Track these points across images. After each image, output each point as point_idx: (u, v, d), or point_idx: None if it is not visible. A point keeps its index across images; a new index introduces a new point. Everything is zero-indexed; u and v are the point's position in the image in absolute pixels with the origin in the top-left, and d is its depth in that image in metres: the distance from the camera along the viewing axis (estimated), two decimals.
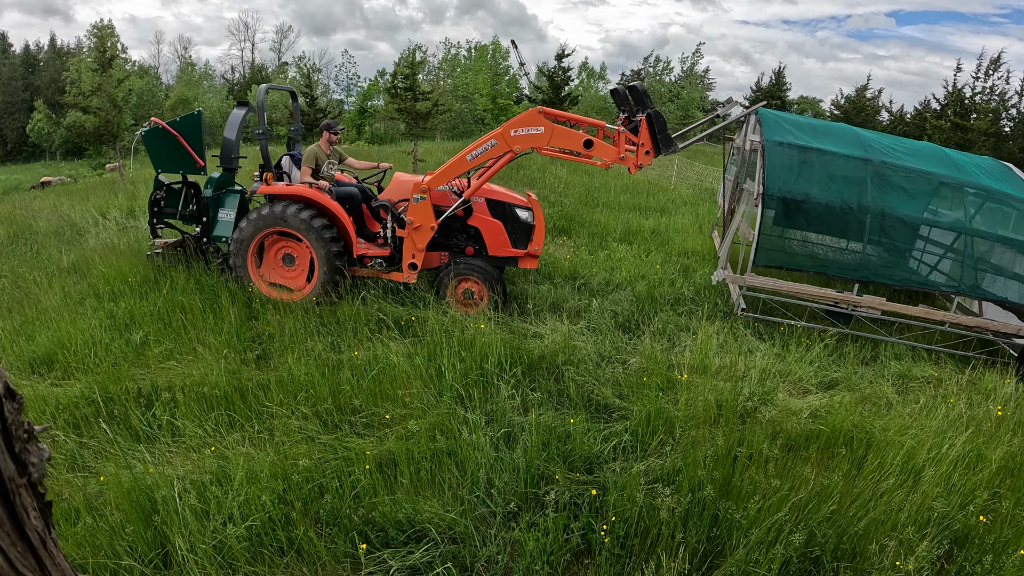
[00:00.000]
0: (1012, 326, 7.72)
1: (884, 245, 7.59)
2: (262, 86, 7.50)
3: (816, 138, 8.16)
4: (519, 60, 18.09)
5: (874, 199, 7.58)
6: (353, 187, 7.57)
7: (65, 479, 4.04)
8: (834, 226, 7.78)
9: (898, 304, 7.86)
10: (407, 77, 22.96)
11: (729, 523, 3.67)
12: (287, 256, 7.17)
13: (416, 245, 7.05)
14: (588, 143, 6.61)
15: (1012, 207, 7.83)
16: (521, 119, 6.70)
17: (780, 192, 7.55)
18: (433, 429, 4.56)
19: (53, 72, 59.56)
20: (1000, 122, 28.40)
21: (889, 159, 7.91)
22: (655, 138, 6.57)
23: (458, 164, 6.83)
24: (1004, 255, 7.82)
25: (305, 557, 3.48)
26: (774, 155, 7.73)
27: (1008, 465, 4.67)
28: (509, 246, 7.34)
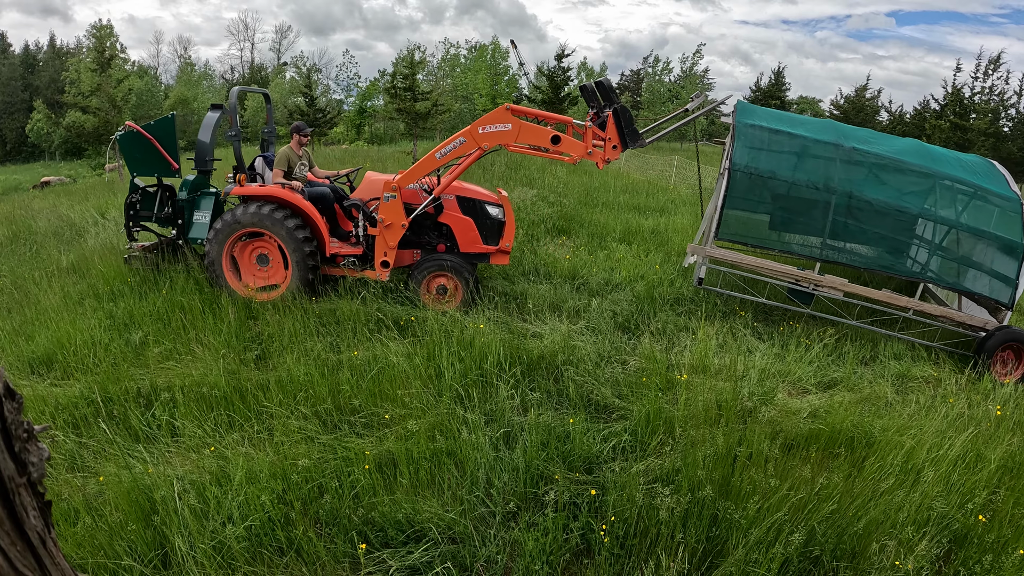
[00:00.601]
0: (978, 319, 7.68)
1: (850, 227, 7.61)
2: (234, 89, 7.57)
3: (791, 126, 8.20)
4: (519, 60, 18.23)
5: (841, 181, 7.57)
6: (325, 187, 7.65)
7: (65, 479, 4.04)
8: (799, 205, 7.77)
9: (860, 286, 7.81)
10: (406, 77, 22.98)
11: (729, 523, 3.67)
12: (261, 256, 7.25)
13: (388, 243, 7.14)
14: (556, 139, 6.67)
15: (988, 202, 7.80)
16: (489, 117, 6.78)
17: (747, 168, 7.61)
18: (432, 429, 4.56)
19: (52, 72, 59.53)
20: (999, 122, 28.42)
21: (862, 146, 7.89)
22: (622, 132, 6.63)
23: (427, 162, 6.92)
24: (976, 248, 7.79)
25: (304, 557, 3.48)
26: (744, 134, 7.83)
27: (1007, 464, 4.67)
28: (480, 242, 7.42)
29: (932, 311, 7.73)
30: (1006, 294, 7.54)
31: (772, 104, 43.44)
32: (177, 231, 7.82)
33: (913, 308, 7.69)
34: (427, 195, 7.30)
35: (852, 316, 7.93)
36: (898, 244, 7.69)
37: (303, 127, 7.63)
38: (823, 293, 7.75)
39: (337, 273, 7.46)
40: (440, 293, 7.19)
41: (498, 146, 6.83)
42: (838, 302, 8.03)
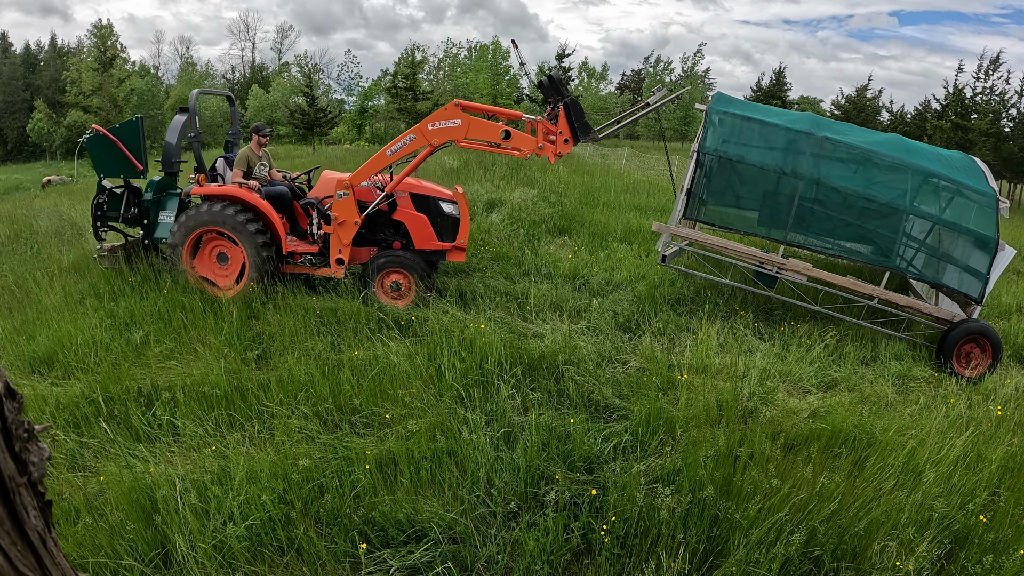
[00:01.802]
0: (945, 312, 7.62)
1: (817, 213, 7.59)
2: (194, 91, 7.68)
3: (765, 116, 8.20)
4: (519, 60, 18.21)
5: (810, 168, 7.58)
6: (283, 186, 7.75)
7: (65, 478, 4.04)
8: (766, 188, 7.79)
9: (825, 272, 7.75)
10: (407, 77, 22.98)
11: (729, 523, 3.67)
12: (221, 255, 7.36)
13: (341, 240, 7.21)
14: (506, 134, 6.67)
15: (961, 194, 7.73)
16: (438, 113, 6.79)
17: (716, 151, 7.70)
18: (433, 429, 4.56)
19: (53, 72, 59.56)
20: (1000, 122, 28.39)
21: (836, 136, 7.86)
22: (572, 126, 6.60)
23: (379, 160, 6.99)
24: (949, 241, 7.72)
25: (305, 557, 3.48)
26: (715, 119, 7.90)
27: (1008, 465, 4.67)
28: (435, 239, 7.46)
29: (897, 300, 7.64)
30: (976, 288, 7.47)
31: (772, 104, 43.44)
32: (143, 231, 7.99)
33: (878, 296, 7.61)
34: (380, 192, 7.37)
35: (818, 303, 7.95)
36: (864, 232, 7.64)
37: (262, 128, 7.76)
38: (787, 277, 7.76)
39: (296, 271, 7.54)
40: (394, 289, 7.25)
41: (449, 142, 6.86)
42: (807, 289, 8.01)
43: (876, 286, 7.67)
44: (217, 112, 52.19)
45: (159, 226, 7.71)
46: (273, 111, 50.90)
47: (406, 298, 7.20)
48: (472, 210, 12.50)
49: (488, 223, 11.51)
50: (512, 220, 11.73)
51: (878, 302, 7.67)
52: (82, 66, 42.08)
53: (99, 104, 25.05)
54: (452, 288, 7.92)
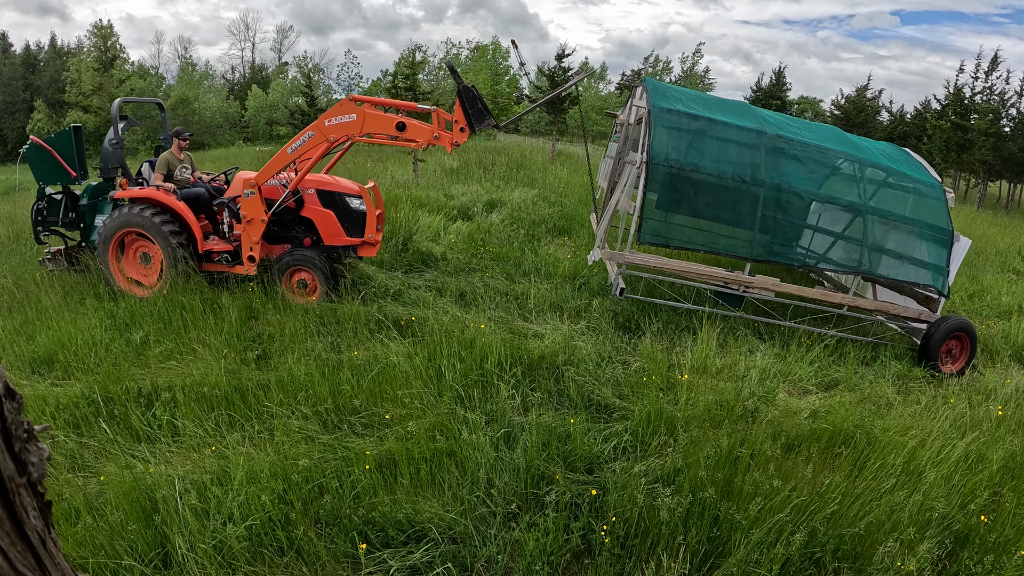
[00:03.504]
0: (912, 309, 7.49)
1: (780, 222, 7.15)
2: (117, 100, 7.88)
3: (707, 109, 7.67)
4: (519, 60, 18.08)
5: (769, 172, 7.11)
6: (200, 188, 7.87)
7: (65, 479, 4.04)
8: (725, 200, 7.24)
9: (793, 285, 7.47)
10: (407, 77, 22.96)
11: (730, 523, 3.67)
12: (144, 255, 7.53)
13: (251, 238, 7.29)
14: (401, 125, 6.66)
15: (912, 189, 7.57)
16: (334, 109, 6.84)
17: (667, 161, 6.95)
18: (433, 429, 4.56)
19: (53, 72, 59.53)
20: (1000, 122, 28.40)
21: (784, 133, 7.50)
22: (467, 114, 6.54)
23: (281, 158, 7.04)
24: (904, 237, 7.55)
25: (305, 557, 3.48)
26: (661, 121, 7.13)
27: (1009, 465, 4.67)
28: (343, 235, 7.49)
29: (867, 305, 7.46)
30: (940, 282, 7.32)
31: (772, 104, 43.41)
32: (81, 235, 8.19)
33: (848, 304, 7.43)
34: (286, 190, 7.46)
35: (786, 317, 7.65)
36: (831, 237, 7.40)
37: (182, 132, 7.92)
38: (754, 295, 7.34)
39: (214, 269, 7.64)
40: (301, 287, 7.32)
41: (346, 138, 6.87)
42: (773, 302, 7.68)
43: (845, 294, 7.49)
44: (217, 113, 52.18)
45: (95, 229, 7.93)
46: (273, 111, 50.83)
47: (313, 295, 7.27)
48: (472, 210, 12.50)
49: (488, 223, 11.52)
50: (512, 220, 11.74)
51: (847, 309, 7.49)
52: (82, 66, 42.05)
53: (99, 104, 25.07)
54: (452, 288, 7.92)
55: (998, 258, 13.33)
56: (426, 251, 9.35)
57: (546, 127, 47.07)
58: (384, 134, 6.80)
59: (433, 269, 8.89)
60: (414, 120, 6.73)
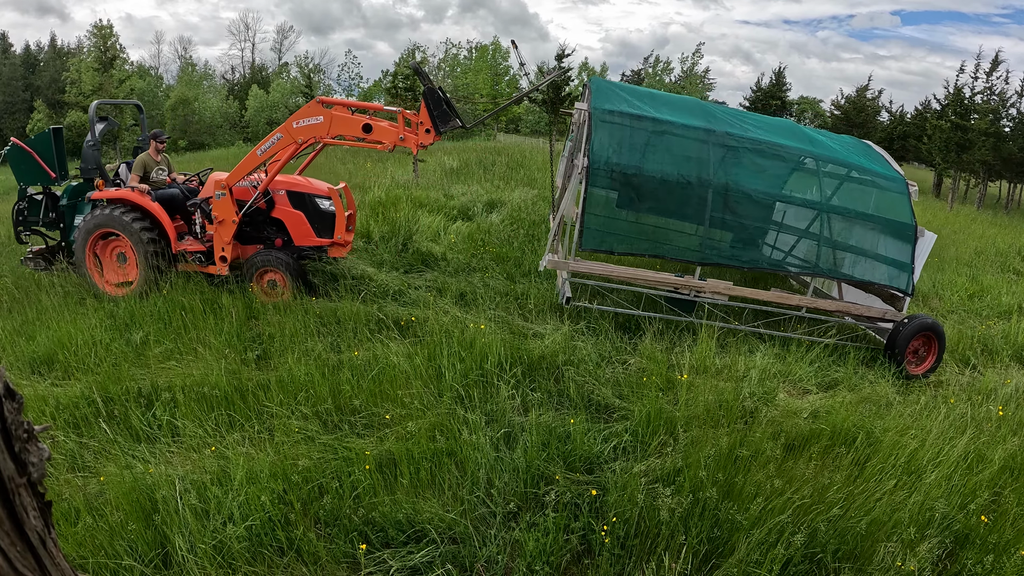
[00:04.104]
0: (876, 309, 7.23)
1: (729, 223, 6.90)
2: (95, 102, 7.98)
3: (655, 107, 7.38)
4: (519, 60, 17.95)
5: (716, 172, 6.83)
6: (175, 189, 7.96)
7: (65, 479, 4.04)
8: (671, 203, 6.97)
9: (747, 288, 7.22)
10: (407, 77, 22.94)
11: (730, 524, 3.67)
12: (121, 255, 7.60)
13: (223, 239, 7.36)
14: (367, 127, 6.68)
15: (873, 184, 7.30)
16: (302, 111, 6.86)
17: (608, 165, 6.69)
18: (433, 429, 4.56)
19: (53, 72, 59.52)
20: (1000, 122, 28.40)
21: (735, 130, 7.19)
22: (432, 115, 6.54)
23: (251, 160, 7.11)
24: (866, 234, 7.31)
25: (305, 557, 3.48)
26: (602, 123, 6.87)
27: (1009, 465, 4.67)
28: (314, 236, 7.55)
29: (828, 307, 7.21)
30: (903, 280, 7.07)
31: (772, 104, 43.41)
32: (60, 234, 8.31)
33: (806, 306, 7.16)
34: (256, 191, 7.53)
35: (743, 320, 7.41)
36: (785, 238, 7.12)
37: (160, 134, 8.00)
38: (706, 300, 7.11)
39: (189, 269, 7.69)
40: (271, 287, 7.37)
41: (315, 139, 6.92)
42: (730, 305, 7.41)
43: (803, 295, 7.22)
44: (217, 113, 52.18)
45: (75, 229, 8.01)
46: (273, 112, 50.83)
47: (284, 294, 7.31)
48: (472, 210, 12.50)
49: (488, 223, 11.51)
50: (512, 220, 11.73)
51: (806, 311, 7.27)
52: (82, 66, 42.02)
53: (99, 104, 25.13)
54: (452, 288, 7.92)
55: (998, 258, 13.33)
56: (426, 251, 9.34)
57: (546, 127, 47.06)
58: (352, 136, 6.86)
59: (433, 269, 8.88)
60: (381, 122, 6.76)
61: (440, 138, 6.77)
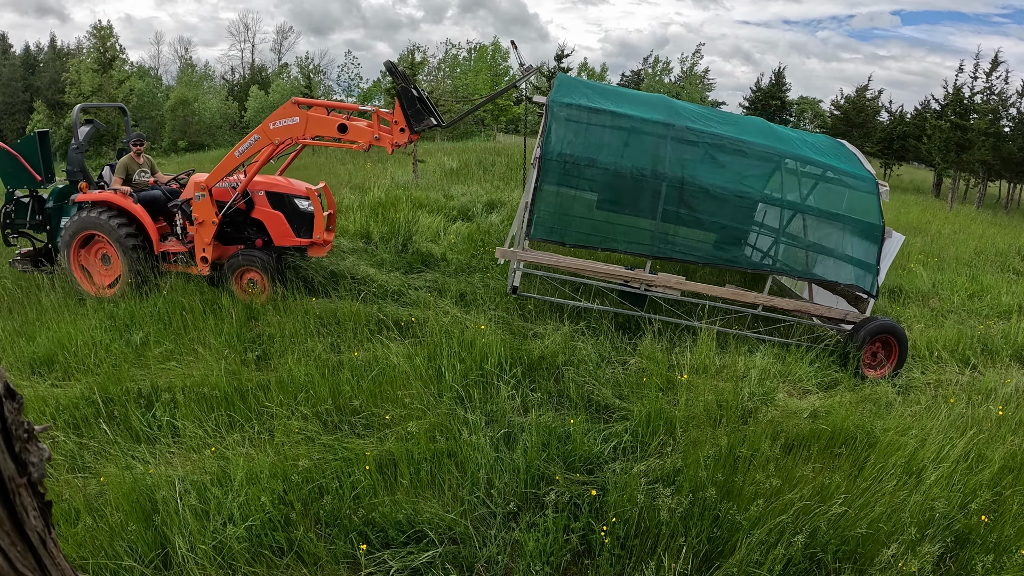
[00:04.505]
0: (838, 311, 7.08)
1: (684, 218, 6.82)
2: (78, 106, 8.12)
3: (616, 103, 7.31)
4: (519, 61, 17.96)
5: (673, 166, 6.77)
6: (157, 191, 8.03)
7: (65, 479, 4.04)
8: (625, 196, 6.96)
9: (700, 284, 7.11)
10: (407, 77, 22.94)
11: (730, 524, 3.67)
12: (104, 256, 7.69)
13: (203, 239, 7.41)
14: (343, 127, 6.70)
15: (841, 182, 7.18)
16: (278, 112, 6.90)
17: (561, 156, 6.74)
18: (433, 430, 4.56)
19: (53, 73, 59.52)
20: (1000, 122, 28.39)
21: (696, 125, 7.09)
22: (406, 115, 6.56)
23: (229, 161, 7.16)
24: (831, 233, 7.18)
25: (305, 558, 3.48)
26: (557, 115, 6.92)
27: (1009, 465, 4.66)
28: (293, 236, 7.61)
29: (784, 306, 7.06)
30: (868, 281, 6.93)
31: (772, 104, 43.39)
32: (48, 236, 8.38)
33: (762, 304, 6.99)
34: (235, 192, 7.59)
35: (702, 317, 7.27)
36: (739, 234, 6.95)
37: (141, 137, 8.13)
38: (657, 294, 7.03)
39: (172, 269, 7.75)
40: (251, 286, 7.42)
41: (291, 140, 6.96)
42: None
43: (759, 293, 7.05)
44: (217, 114, 52.19)
45: (61, 231, 8.13)
46: None
47: (264, 294, 7.35)
48: (471, 211, 12.50)
49: (488, 223, 11.52)
50: (512, 220, 11.73)
51: (762, 310, 7.10)
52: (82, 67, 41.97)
53: None
54: (452, 288, 7.92)
55: (998, 258, 13.33)
56: (426, 252, 9.35)
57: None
58: (328, 136, 6.91)
59: (433, 270, 8.89)
60: (358, 122, 6.78)
61: (417, 136, 6.79)
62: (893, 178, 36.26)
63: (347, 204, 12.08)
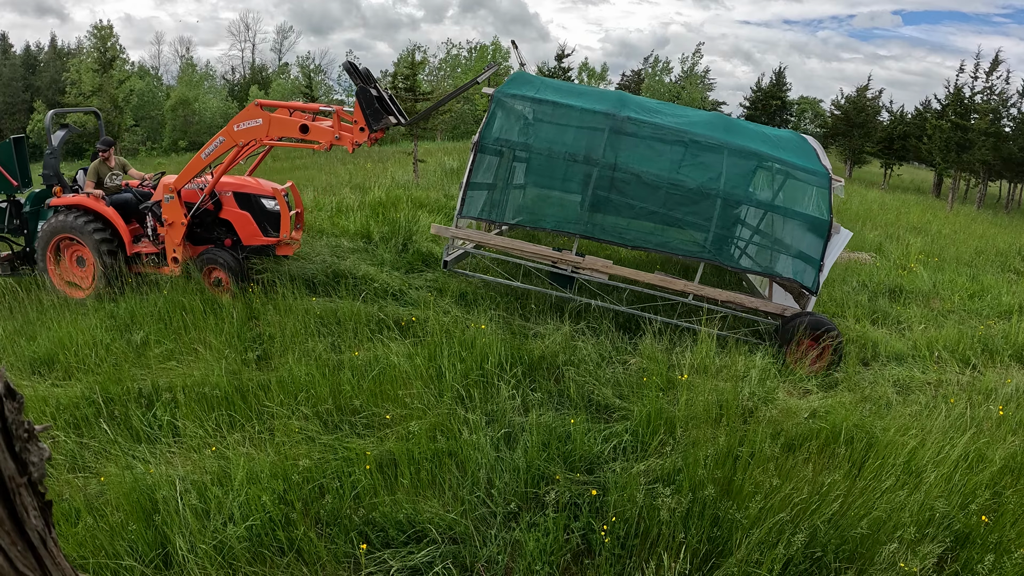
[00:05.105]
0: (776, 305, 7.06)
1: (614, 202, 6.97)
2: (51, 112, 8.28)
3: (565, 97, 7.52)
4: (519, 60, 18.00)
5: (606, 152, 6.93)
6: (128, 193, 8.16)
7: (65, 479, 4.04)
8: (556, 179, 7.22)
9: (628, 268, 7.15)
10: (407, 78, 22.94)
11: (730, 523, 3.67)
12: (79, 258, 7.82)
13: (173, 240, 7.57)
14: (304, 128, 6.84)
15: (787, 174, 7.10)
16: (242, 114, 7.06)
17: (497, 141, 7.09)
18: (433, 429, 4.56)
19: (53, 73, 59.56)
20: (1000, 122, 28.38)
21: (639, 116, 7.20)
22: (365, 114, 6.70)
23: (196, 163, 7.31)
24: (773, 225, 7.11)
25: (305, 557, 3.48)
26: (501, 102, 7.25)
27: (1010, 465, 4.66)
28: (260, 235, 7.73)
29: (715, 296, 7.01)
30: (808, 276, 6.86)
31: (772, 104, 43.37)
32: (25, 240, 8.48)
33: (692, 292, 6.99)
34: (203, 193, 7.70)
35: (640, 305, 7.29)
36: (669, 220, 6.95)
37: (110, 141, 8.24)
38: (584, 276, 7.15)
39: (144, 271, 7.87)
40: (216, 285, 7.53)
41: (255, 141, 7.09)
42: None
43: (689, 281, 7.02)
44: (218, 113, 52.20)
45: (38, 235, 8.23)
46: None
47: (227, 291, 7.46)
48: None
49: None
50: None
51: (693, 298, 7.10)
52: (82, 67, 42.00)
53: (99, 105, 25.13)
54: (452, 288, 7.92)
55: (998, 258, 13.33)
56: (426, 251, 9.35)
57: None
58: (291, 136, 7.03)
59: (433, 269, 8.89)
60: (322, 121, 6.92)
61: (380, 134, 6.94)
62: (894, 178, 36.24)
63: (347, 204, 12.08)
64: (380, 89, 6.83)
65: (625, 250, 8.16)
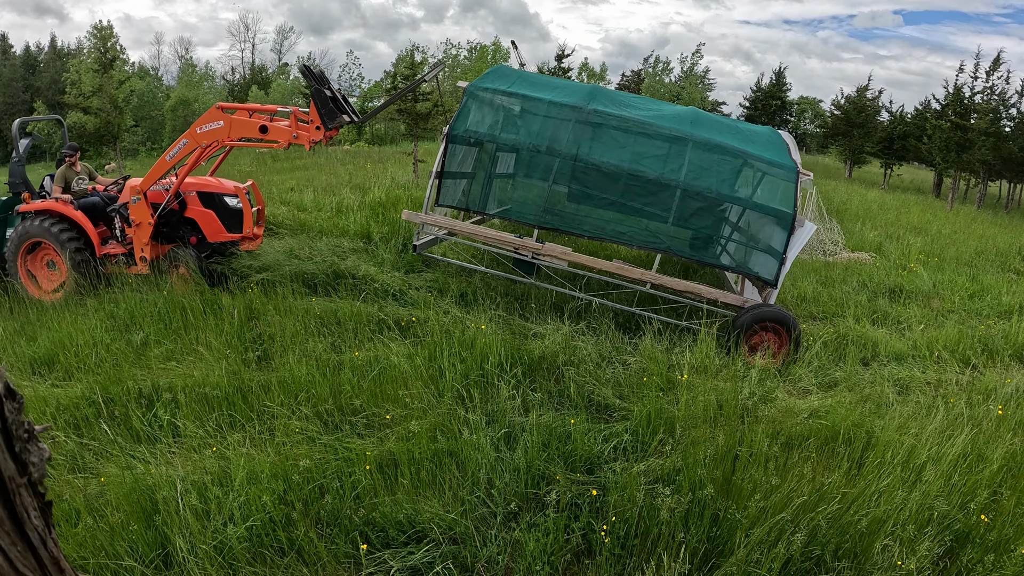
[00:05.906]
0: (736, 297, 7.09)
1: (575, 192, 7.11)
2: (17, 121, 8.43)
3: (539, 90, 7.68)
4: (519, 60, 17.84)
5: (568, 144, 7.09)
6: (95, 197, 8.31)
7: (66, 480, 4.04)
8: (520, 169, 7.49)
9: (586, 256, 7.24)
10: (407, 78, 22.94)
11: (730, 523, 3.67)
12: (50, 262, 8.04)
13: (141, 240, 7.78)
14: (263, 128, 7.06)
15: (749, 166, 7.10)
16: (204, 117, 7.26)
17: (466, 132, 7.36)
18: (434, 429, 4.56)
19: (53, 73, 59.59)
20: (1000, 122, 28.36)
21: (607, 109, 7.30)
22: (320, 113, 6.89)
23: (161, 165, 7.52)
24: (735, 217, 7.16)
25: (306, 557, 3.48)
26: (473, 95, 7.57)
27: (1009, 464, 4.66)
28: (224, 232, 7.97)
29: (673, 285, 7.04)
30: (770, 268, 6.84)
31: (772, 104, 43.37)
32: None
33: (650, 281, 7.06)
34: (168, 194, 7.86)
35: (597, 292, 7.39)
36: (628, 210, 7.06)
37: (74, 147, 8.43)
38: (544, 263, 7.37)
39: (115, 271, 7.98)
40: (182, 282, 7.69)
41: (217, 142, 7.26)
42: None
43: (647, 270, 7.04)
44: None
45: (7, 242, 8.33)
46: None
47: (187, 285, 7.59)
48: None
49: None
50: None
51: (651, 287, 7.15)
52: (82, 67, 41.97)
53: (99, 105, 25.14)
54: (453, 288, 7.92)
55: (998, 258, 13.33)
56: None
57: None
58: (252, 137, 7.23)
59: (433, 269, 8.89)
60: (280, 122, 7.13)
61: (336, 132, 7.16)
62: (894, 178, 36.24)
63: (347, 204, 12.09)
64: (334, 90, 7.07)
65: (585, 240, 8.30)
